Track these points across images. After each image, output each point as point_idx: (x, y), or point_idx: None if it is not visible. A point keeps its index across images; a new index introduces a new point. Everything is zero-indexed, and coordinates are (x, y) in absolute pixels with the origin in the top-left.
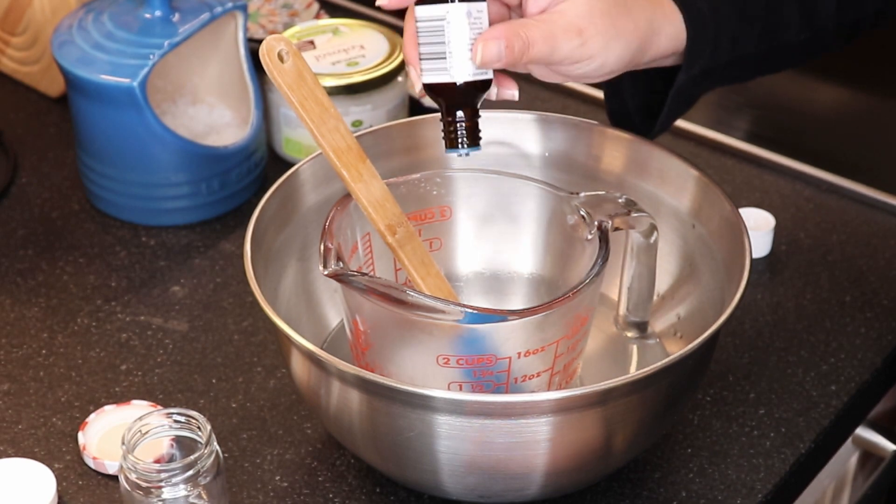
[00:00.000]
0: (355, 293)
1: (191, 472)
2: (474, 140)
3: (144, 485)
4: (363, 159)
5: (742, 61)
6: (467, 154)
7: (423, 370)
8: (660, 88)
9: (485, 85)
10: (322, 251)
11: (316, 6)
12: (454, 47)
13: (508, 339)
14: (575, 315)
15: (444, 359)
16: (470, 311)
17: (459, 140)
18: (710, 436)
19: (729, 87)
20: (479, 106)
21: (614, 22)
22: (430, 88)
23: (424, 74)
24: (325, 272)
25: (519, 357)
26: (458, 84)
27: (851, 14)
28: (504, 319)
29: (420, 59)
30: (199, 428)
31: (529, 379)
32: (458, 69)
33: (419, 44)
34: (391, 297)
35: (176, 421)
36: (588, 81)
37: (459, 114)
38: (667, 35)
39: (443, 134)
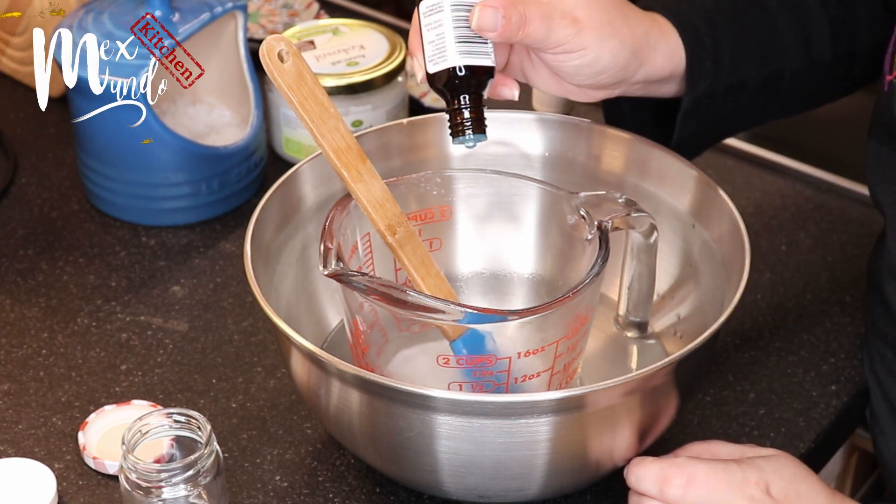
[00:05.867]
0: (355, 293)
1: (191, 472)
2: (479, 128)
3: (144, 485)
4: (363, 159)
5: (744, 87)
6: (473, 145)
7: (423, 370)
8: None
9: (487, 72)
10: (322, 251)
11: (316, 6)
12: (449, 31)
13: (508, 339)
14: (575, 315)
15: (443, 359)
16: (470, 311)
17: (464, 127)
18: (709, 436)
19: None
20: (483, 94)
21: (611, 20)
22: (434, 78)
23: (428, 64)
24: (325, 272)
25: (519, 357)
26: (457, 67)
27: (846, 42)
28: (504, 319)
29: (423, 49)
30: (199, 428)
31: (529, 379)
32: (457, 54)
33: (422, 35)
34: (391, 297)
35: (176, 421)
36: (582, 82)
37: (463, 100)
38: (663, 52)
39: (448, 125)
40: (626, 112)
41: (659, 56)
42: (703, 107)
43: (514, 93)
